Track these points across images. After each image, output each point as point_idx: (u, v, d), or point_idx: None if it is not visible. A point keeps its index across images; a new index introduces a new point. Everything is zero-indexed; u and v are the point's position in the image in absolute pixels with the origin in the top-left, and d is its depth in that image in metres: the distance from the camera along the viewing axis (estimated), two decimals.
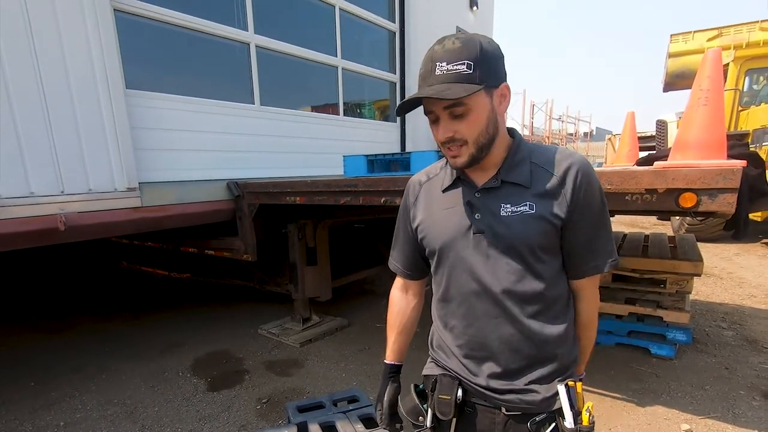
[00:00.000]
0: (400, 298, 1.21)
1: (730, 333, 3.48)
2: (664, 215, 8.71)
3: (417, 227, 1.04)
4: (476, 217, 0.93)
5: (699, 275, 2.98)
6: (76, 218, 2.67)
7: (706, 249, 6.63)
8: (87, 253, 5.38)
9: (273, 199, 3.23)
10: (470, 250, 0.94)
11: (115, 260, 5.39)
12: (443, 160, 1.05)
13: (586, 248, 0.94)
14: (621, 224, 8.92)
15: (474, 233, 0.93)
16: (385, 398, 1.16)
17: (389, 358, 1.20)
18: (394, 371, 1.20)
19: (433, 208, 1.01)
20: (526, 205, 0.90)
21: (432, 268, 1.05)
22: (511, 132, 0.96)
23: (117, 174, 2.89)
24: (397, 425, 1.19)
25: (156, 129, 3.23)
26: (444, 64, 0.82)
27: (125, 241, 4.71)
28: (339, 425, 1.62)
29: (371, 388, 2.70)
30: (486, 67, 0.83)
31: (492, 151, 0.91)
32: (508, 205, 0.91)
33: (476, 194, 0.94)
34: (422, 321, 1.23)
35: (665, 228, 8.35)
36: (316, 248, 3.76)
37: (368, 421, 1.66)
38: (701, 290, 4.62)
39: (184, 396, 2.77)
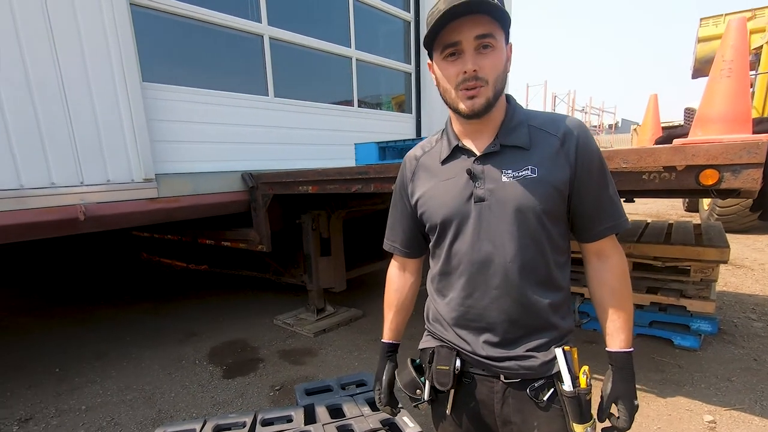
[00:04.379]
0: (398, 277, 1.19)
1: (760, 324, 3.32)
2: (688, 199, 8.40)
3: (416, 202, 1.00)
4: (478, 184, 0.89)
5: (725, 262, 2.84)
6: (95, 209, 2.74)
7: (737, 240, 6.37)
8: (108, 245, 5.56)
9: (286, 189, 3.25)
10: (473, 220, 0.90)
11: (135, 252, 5.54)
12: (438, 134, 1.02)
13: (597, 208, 0.90)
14: (646, 215, 8.61)
15: (476, 202, 0.89)
16: (384, 378, 1.15)
17: (386, 337, 1.19)
18: (392, 350, 1.18)
19: (433, 181, 0.97)
20: (528, 169, 0.86)
21: (431, 243, 1.02)
22: (507, 97, 0.93)
23: (134, 165, 2.96)
24: (395, 409, 1.18)
25: (172, 121, 3.28)
26: None
27: (146, 234, 4.83)
28: (345, 408, 1.62)
29: None
30: (508, 15, 0.83)
31: (494, 110, 0.88)
32: (510, 170, 0.87)
33: (476, 162, 0.90)
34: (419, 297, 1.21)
35: (694, 219, 8.05)
36: (330, 239, 3.76)
37: (375, 405, 1.65)
38: (730, 281, 4.42)
39: (200, 383, 2.82)
